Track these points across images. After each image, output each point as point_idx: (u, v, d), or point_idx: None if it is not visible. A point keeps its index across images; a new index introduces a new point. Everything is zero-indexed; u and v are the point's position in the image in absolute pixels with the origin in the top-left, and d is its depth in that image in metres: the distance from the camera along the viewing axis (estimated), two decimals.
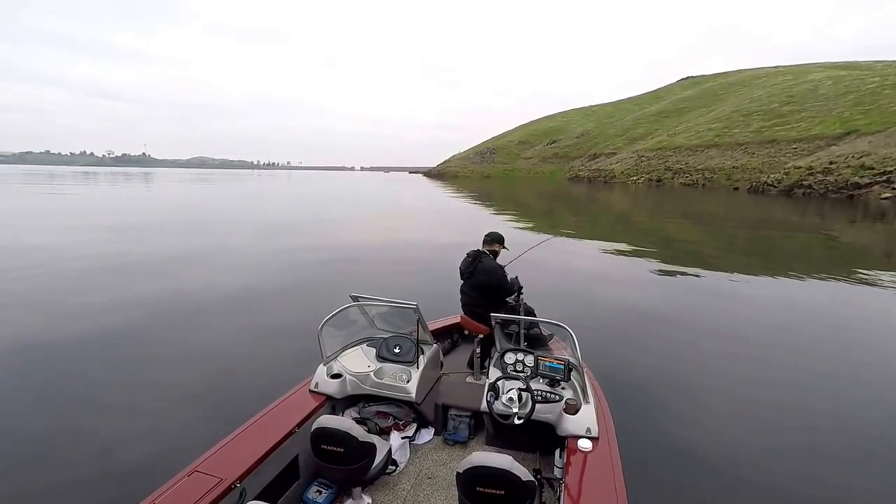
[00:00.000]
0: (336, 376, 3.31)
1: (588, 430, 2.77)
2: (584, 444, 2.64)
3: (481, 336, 4.10)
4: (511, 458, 2.15)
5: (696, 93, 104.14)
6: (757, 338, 6.76)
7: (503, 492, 2.06)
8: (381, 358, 3.55)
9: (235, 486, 2.27)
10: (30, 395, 4.75)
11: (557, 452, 2.88)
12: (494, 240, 4.25)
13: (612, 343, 6.33)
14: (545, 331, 4.08)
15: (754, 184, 48.00)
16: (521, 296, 4.52)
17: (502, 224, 20.61)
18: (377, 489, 2.97)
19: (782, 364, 5.83)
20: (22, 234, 15.09)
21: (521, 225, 20.72)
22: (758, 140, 59.85)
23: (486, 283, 4.05)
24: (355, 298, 3.66)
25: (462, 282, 4.28)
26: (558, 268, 11.09)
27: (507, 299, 4.22)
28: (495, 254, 4.22)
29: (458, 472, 2.17)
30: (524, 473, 2.11)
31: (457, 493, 2.24)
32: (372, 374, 3.40)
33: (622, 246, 15.11)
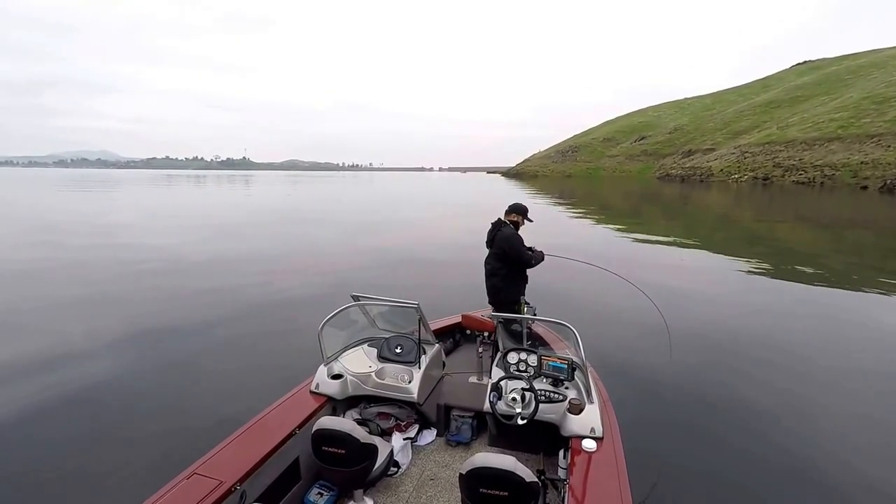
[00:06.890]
0: (337, 377, 3.30)
1: (592, 430, 2.73)
2: (589, 445, 2.61)
3: (486, 334, 4.09)
4: (514, 458, 2.12)
5: (814, 79, 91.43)
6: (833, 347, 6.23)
7: (507, 493, 2.04)
8: (382, 358, 3.52)
9: (236, 489, 2.27)
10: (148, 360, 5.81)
11: (561, 453, 2.85)
12: (513, 210, 4.41)
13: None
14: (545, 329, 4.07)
15: (888, 181, 41.35)
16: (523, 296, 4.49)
17: (591, 229, 19.90)
18: (379, 491, 2.95)
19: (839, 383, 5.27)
20: (151, 235, 16.81)
21: (614, 229, 19.68)
22: (895, 130, 51.51)
23: (504, 249, 4.21)
24: (356, 298, 3.62)
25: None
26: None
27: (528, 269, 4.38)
28: (516, 224, 4.37)
29: (460, 474, 2.15)
30: (528, 474, 2.08)
31: (460, 494, 2.21)
32: (373, 374, 3.38)
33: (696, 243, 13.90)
